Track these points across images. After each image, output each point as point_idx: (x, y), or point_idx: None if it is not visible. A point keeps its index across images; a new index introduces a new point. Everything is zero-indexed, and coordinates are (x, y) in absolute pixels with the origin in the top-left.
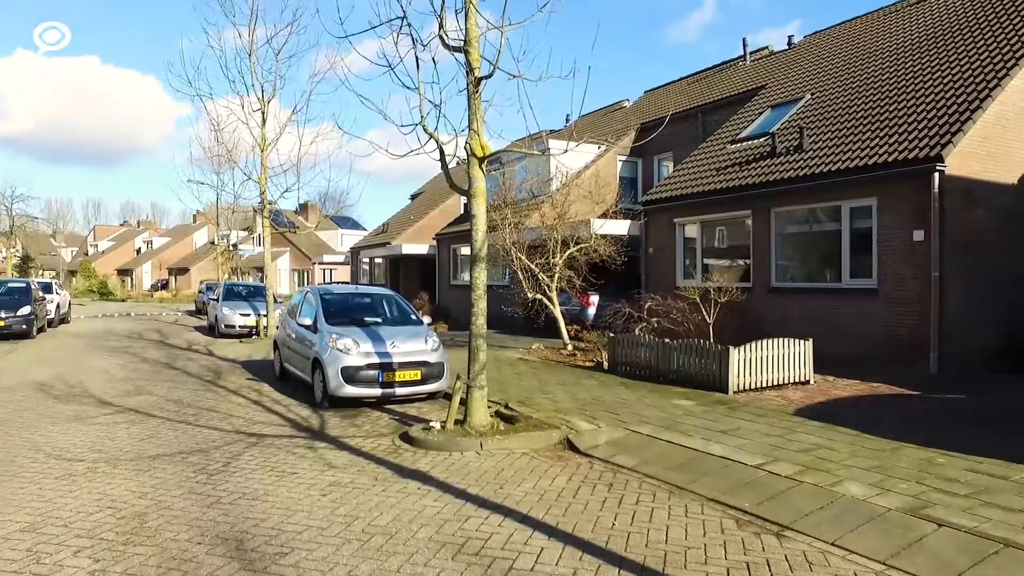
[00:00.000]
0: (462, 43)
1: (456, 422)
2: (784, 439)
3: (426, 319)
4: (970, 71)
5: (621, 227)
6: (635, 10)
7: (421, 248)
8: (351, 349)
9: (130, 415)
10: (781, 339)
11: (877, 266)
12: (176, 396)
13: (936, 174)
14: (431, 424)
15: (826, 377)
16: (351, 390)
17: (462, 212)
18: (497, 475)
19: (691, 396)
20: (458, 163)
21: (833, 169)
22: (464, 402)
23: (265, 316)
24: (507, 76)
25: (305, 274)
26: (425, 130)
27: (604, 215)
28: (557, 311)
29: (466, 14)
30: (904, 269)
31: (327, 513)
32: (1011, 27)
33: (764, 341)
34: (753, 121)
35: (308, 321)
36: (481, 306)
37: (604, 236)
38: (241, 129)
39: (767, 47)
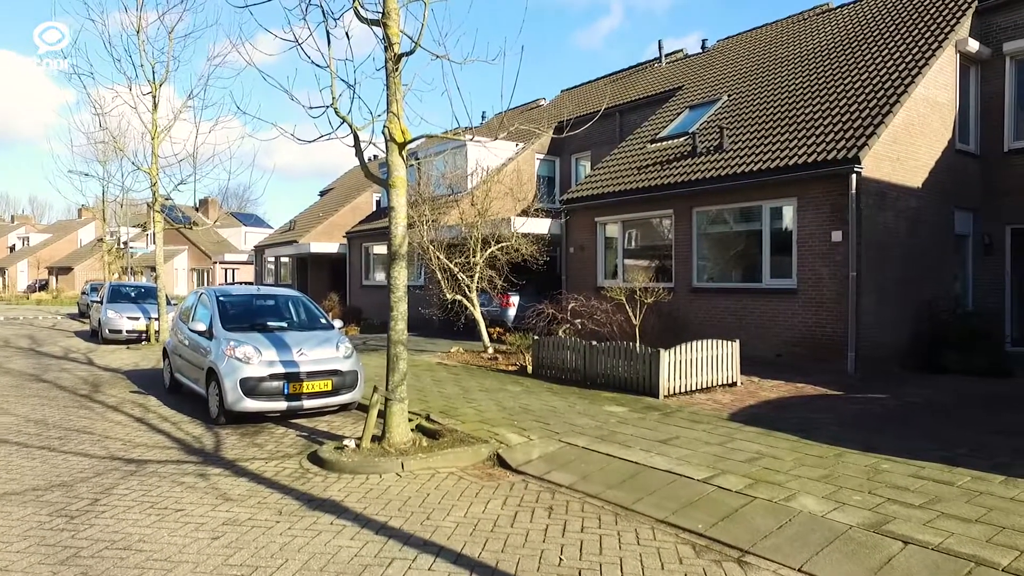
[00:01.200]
0: (380, 15)
1: (373, 439)
2: (725, 448)
3: (337, 322)
4: (878, 78)
5: (542, 226)
6: (546, 13)
7: (331, 247)
8: (252, 358)
9: None
10: (709, 341)
11: (797, 266)
12: (40, 415)
13: (854, 175)
14: (345, 442)
15: (751, 378)
16: (252, 404)
17: (375, 209)
18: (422, 502)
19: (622, 401)
20: (374, 157)
21: (754, 169)
22: (382, 415)
23: (157, 319)
24: (429, 56)
25: (205, 274)
26: (337, 113)
27: (525, 213)
28: (478, 313)
29: None
30: (823, 269)
31: (219, 563)
32: (911, 39)
33: (693, 343)
34: (672, 121)
35: (202, 326)
36: (401, 309)
37: (526, 235)
38: (130, 115)
39: (681, 50)
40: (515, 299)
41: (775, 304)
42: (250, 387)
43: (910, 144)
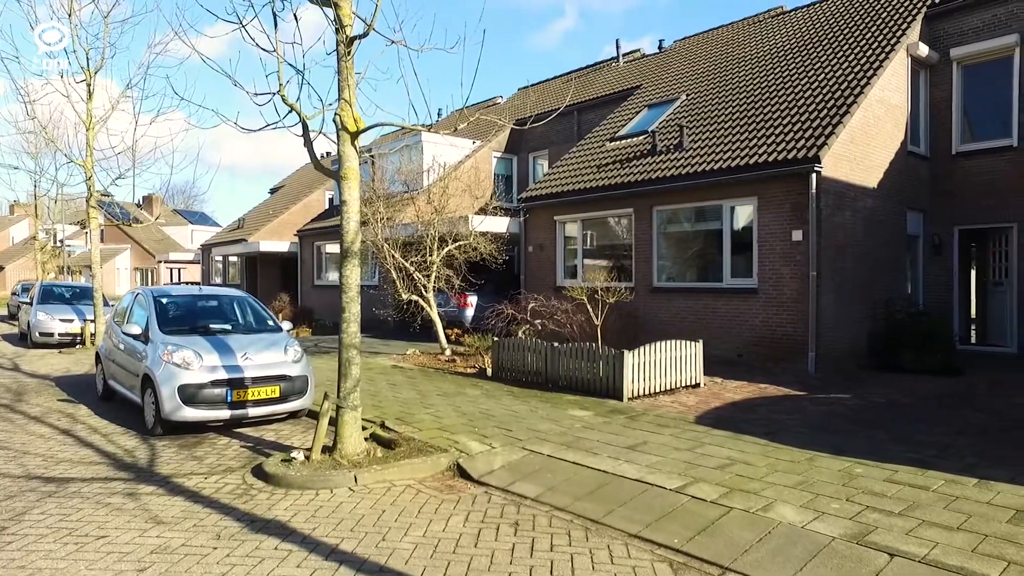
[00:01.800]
0: None
1: (324, 449)
2: (695, 454)
3: (286, 324)
4: (835, 79)
5: (501, 224)
6: (502, 13)
7: (282, 245)
8: (192, 363)
9: None
10: (673, 341)
11: (757, 266)
12: None
13: (814, 175)
14: (293, 454)
15: (714, 379)
16: (191, 413)
17: (327, 207)
18: (377, 520)
19: (586, 405)
20: (327, 154)
21: (714, 168)
22: (334, 424)
23: (92, 321)
24: (384, 42)
25: (149, 273)
26: (284, 100)
27: (483, 211)
28: (435, 313)
29: None
30: (783, 269)
31: None
32: (864, 42)
33: (657, 344)
34: (631, 120)
35: (137, 329)
36: (354, 310)
37: (484, 233)
38: (63, 105)
39: (639, 50)
40: (473, 299)
41: (736, 304)
42: (189, 394)
43: (866, 145)
